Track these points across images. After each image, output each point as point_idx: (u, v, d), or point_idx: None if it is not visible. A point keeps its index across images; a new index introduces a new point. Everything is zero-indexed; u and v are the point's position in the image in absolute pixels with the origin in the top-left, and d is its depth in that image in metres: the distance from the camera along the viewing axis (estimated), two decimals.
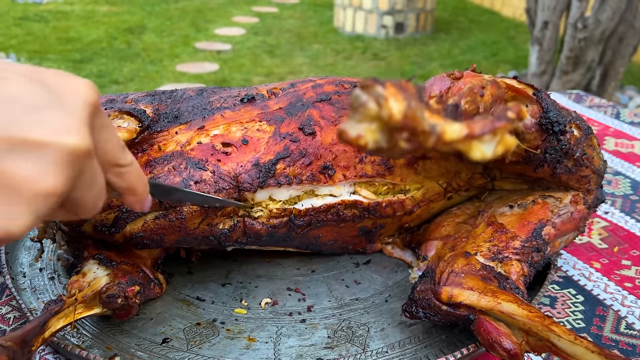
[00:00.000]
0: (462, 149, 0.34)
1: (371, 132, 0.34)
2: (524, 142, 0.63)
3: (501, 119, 0.34)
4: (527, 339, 0.56)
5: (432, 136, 0.32)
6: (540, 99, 0.62)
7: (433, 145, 0.33)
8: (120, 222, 0.67)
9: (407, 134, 0.33)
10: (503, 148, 0.35)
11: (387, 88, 0.32)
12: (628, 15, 2.87)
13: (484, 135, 0.33)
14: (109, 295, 0.62)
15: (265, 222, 0.71)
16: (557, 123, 0.62)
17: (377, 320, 0.71)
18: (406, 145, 0.33)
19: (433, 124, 0.32)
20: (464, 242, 0.71)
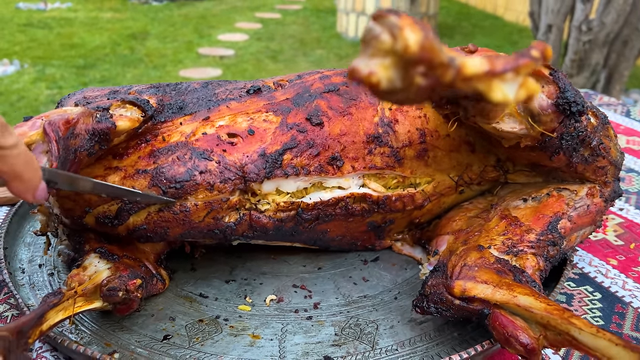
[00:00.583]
0: (482, 89, 0.31)
1: (384, 68, 0.31)
2: (540, 125, 0.61)
3: (525, 57, 0.31)
4: (545, 333, 0.53)
5: (450, 69, 0.30)
6: (557, 79, 0.59)
7: (452, 80, 0.30)
8: (123, 213, 0.64)
9: (423, 68, 0.30)
10: (526, 92, 0.32)
11: (403, 18, 0.30)
12: (632, 18, 2.85)
13: (506, 72, 0.31)
14: (110, 288, 0.59)
15: (272, 216, 0.69)
16: (575, 103, 0.59)
17: (386, 317, 0.68)
18: (423, 81, 0.30)
19: (452, 57, 0.30)
20: (476, 236, 0.68)
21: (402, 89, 0.31)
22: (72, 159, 0.55)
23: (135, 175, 0.63)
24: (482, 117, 0.61)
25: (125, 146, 0.66)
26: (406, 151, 0.71)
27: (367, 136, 0.71)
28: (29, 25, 5.35)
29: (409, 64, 0.30)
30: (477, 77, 0.31)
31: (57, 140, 0.52)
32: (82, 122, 0.57)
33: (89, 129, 0.58)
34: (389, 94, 0.32)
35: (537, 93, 0.33)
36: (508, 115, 0.62)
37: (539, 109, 0.60)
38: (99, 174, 0.64)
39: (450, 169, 0.75)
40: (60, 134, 0.52)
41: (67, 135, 0.54)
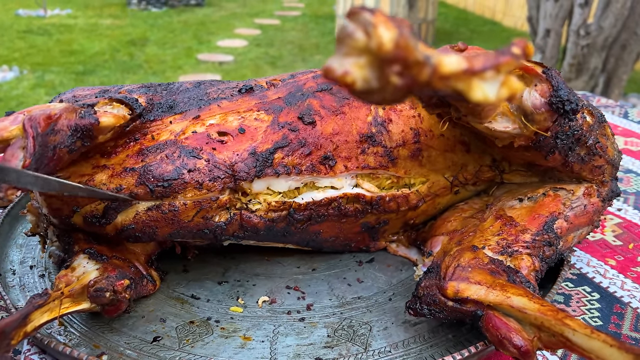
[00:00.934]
0: (462, 89, 0.30)
1: (359, 67, 0.30)
2: (534, 124, 0.60)
3: (505, 54, 0.30)
4: (540, 335, 0.52)
5: (427, 68, 0.29)
6: (550, 77, 0.58)
7: (428, 79, 0.29)
8: (111, 212, 0.63)
9: (399, 67, 0.29)
10: (508, 91, 0.31)
11: (377, 15, 0.29)
12: (631, 23, 2.85)
13: (486, 71, 0.30)
14: (97, 289, 0.58)
15: (263, 216, 0.68)
16: (569, 102, 0.58)
17: (380, 319, 0.67)
18: (399, 81, 0.29)
19: (428, 55, 0.29)
20: (471, 237, 0.67)
21: (378, 89, 0.30)
22: (51, 155, 0.54)
23: (122, 174, 0.63)
24: (474, 116, 0.60)
25: (113, 145, 0.65)
26: (400, 151, 0.71)
27: (360, 136, 0.70)
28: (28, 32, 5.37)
29: (384, 63, 0.29)
30: (455, 76, 0.30)
31: (35, 137, 0.51)
32: (65, 117, 0.56)
33: (72, 124, 0.57)
34: (365, 94, 0.31)
35: (519, 92, 0.32)
36: (501, 114, 0.61)
37: (532, 107, 0.59)
38: (87, 173, 0.63)
39: (444, 169, 0.74)
40: (39, 130, 0.51)
41: (47, 132, 0.53)
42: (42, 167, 0.54)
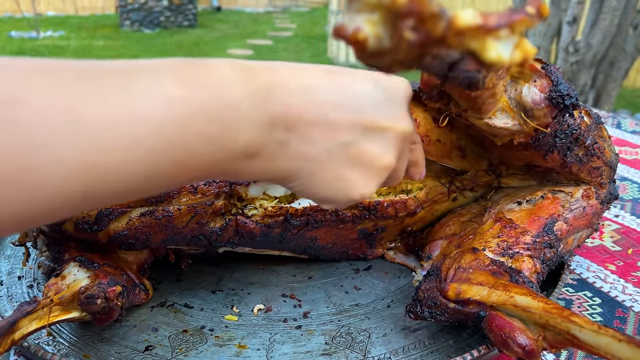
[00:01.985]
0: (476, 47, 0.29)
1: (372, 23, 0.29)
2: (534, 120, 0.59)
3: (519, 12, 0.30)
4: (544, 334, 0.51)
5: (442, 21, 0.28)
6: (549, 72, 0.58)
7: (443, 33, 0.28)
8: (103, 219, 0.62)
9: (413, 21, 0.28)
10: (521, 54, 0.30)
11: None
12: (618, 40, 2.89)
13: (500, 28, 0.29)
14: (88, 295, 0.56)
15: (259, 221, 0.67)
16: (568, 96, 0.58)
17: (378, 325, 0.66)
18: (412, 36, 0.28)
19: (443, 8, 0.28)
20: (470, 239, 0.66)
21: (390, 48, 0.29)
22: None
23: None
24: (474, 111, 0.59)
25: None
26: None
27: None
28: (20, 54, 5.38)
29: (398, 18, 0.29)
30: (470, 31, 0.29)
31: None
32: None
33: None
34: (376, 56, 0.30)
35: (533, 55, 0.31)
36: (500, 110, 0.61)
37: (531, 103, 0.59)
38: None
39: (441, 173, 0.73)
40: None
41: None
42: None
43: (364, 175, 0.40)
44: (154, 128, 0.31)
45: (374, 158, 0.40)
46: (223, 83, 0.34)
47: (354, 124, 0.38)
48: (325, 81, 0.39)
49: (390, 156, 0.41)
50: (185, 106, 0.32)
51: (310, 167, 0.38)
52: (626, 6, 2.79)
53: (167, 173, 0.33)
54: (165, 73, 0.33)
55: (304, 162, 0.38)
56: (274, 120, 0.36)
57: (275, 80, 0.37)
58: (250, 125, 0.35)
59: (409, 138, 0.43)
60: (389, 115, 0.40)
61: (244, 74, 0.36)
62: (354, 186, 0.40)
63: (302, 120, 0.37)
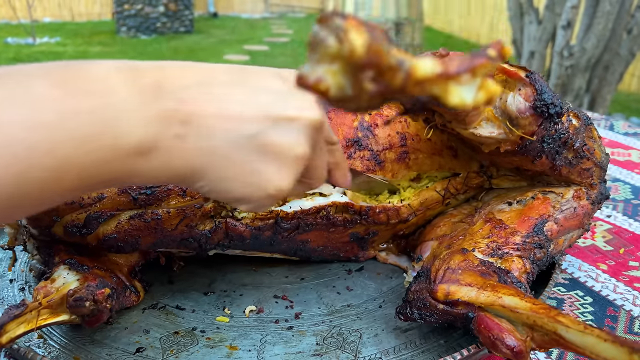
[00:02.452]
0: (438, 93, 0.29)
1: (333, 74, 0.29)
2: (519, 129, 0.59)
3: (480, 56, 0.30)
4: (532, 334, 0.51)
5: (400, 72, 0.28)
6: (533, 81, 0.58)
7: (402, 84, 0.28)
8: (92, 222, 0.62)
9: (372, 72, 0.28)
10: (485, 95, 0.30)
11: (348, 20, 0.28)
12: (613, 44, 2.91)
13: (461, 74, 0.29)
14: (77, 298, 0.56)
15: (249, 224, 0.67)
16: (553, 105, 0.58)
17: (370, 326, 0.66)
18: (372, 87, 0.28)
19: (401, 59, 0.28)
20: (460, 240, 0.66)
21: (353, 96, 0.29)
22: None
23: None
24: (458, 122, 0.59)
25: None
26: (387, 154, 0.70)
27: (347, 140, 0.69)
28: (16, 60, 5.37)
29: (357, 69, 0.29)
30: (430, 81, 0.29)
31: None
32: None
33: None
34: (340, 102, 0.30)
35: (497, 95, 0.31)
36: (485, 120, 0.61)
37: (516, 112, 0.59)
38: None
39: (433, 171, 0.73)
40: None
41: None
42: None
43: (277, 166, 0.38)
44: (17, 133, 0.30)
45: (284, 148, 0.38)
46: (104, 83, 0.34)
47: (258, 115, 0.37)
48: (224, 76, 0.39)
49: (303, 145, 0.39)
50: (56, 108, 0.31)
51: (216, 163, 0.37)
52: (620, 10, 2.80)
53: (41, 180, 0.31)
54: (37, 76, 0.32)
55: (208, 157, 0.37)
56: (166, 114, 0.35)
57: (164, 77, 0.36)
58: (138, 122, 0.34)
59: (320, 128, 0.41)
60: (297, 105, 0.39)
61: (130, 73, 0.35)
62: (268, 180, 0.38)
63: (198, 114, 0.36)
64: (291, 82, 0.40)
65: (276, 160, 0.38)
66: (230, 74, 0.40)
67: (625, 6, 2.80)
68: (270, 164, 0.38)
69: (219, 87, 0.38)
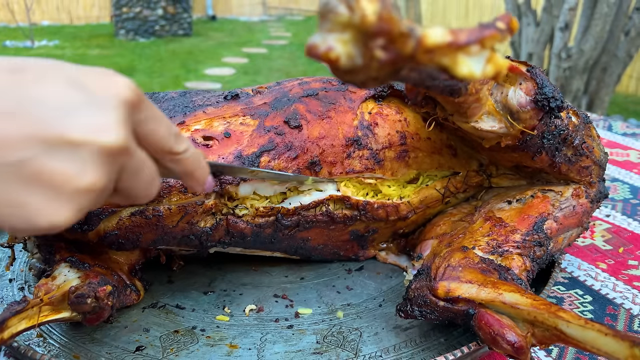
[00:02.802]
0: (447, 64, 0.30)
1: (343, 43, 0.29)
2: (520, 123, 0.60)
3: (489, 28, 0.30)
4: (533, 330, 0.51)
5: (411, 40, 0.28)
6: (534, 75, 0.59)
7: (413, 52, 0.28)
8: (94, 218, 0.62)
9: (382, 40, 0.29)
10: (493, 68, 0.31)
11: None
12: (610, 45, 2.92)
13: (471, 44, 0.29)
14: (78, 295, 0.56)
15: (250, 221, 0.67)
16: (554, 99, 0.58)
17: (370, 324, 0.66)
18: (383, 55, 0.29)
19: (412, 27, 0.29)
20: (460, 238, 0.66)
21: (363, 66, 0.30)
22: None
23: None
24: (460, 115, 0.60)
25: None
26: (386, 153, 0.70)
27: (347, 139, 0.69)
28: None
29: (368, 37, 0.29)
30: (440, 49, 0.29)
31: None
32: None
33: None
34: (350, 73, 0.30)
35: (505, 68, 0.31)
36: (487, 113, 0.61)
37: (517, 106, 0.59)
38: None
39: (432, 169, 0.73)
40: None
41: None
42: None
43: (50, 199, 0.32)
44: None
45: (62, 179, 0.32)
46: None
47: (30, 137, 0.31)
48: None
49: (91, 176, 0.33)
50: None
51: None
52: (617, 12, 2.81)
53: None
54: None
55: None
56: None
57: None
58: None
59: (122, 152, 0.34)
60: (88, 125, 0.32)
61: None
62: (36, 213, 0.32)
63: None
64: (95, 89, 0.34)
65: (49, 192, 0.32)
66: (11, 77, 0.32)
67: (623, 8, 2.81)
68: (41, 196, 0.32)
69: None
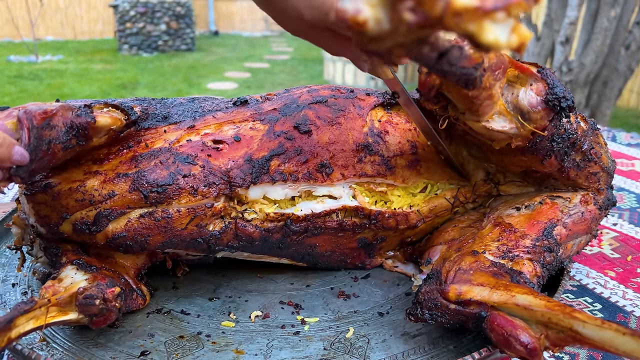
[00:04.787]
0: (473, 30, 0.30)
1: (372, 5, 0.30)
2: (531, 123, 0.60)
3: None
4: (547, 332, 0.50)
5: (440, 2, 0.29)
6: (545, 76, 0.59)
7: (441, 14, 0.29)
8: (102, 219, 0.62)
9: (411, 2, 0.29)
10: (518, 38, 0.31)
11: None
12: (611, 60, 2.94)
13: (497, 10, 0.29)
14: (87, 296, 0.56)
15: (259, 225, 0.67)
16: (564, 99, 0.59)
17: (378, 331, 0.65)
18: (411, 18, 0.29)
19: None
20: (470, 243, 0.66)
21: (390, 31, 0.30)
22: (45, 149, 0.53)
23: (115, 179, 0.61)
24: (472, 113, 0.60)
25: (106, 152, 0.64)
26: (397, 160, 0.70)
27: (357, 145, 0.69)
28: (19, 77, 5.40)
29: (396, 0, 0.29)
30: (467, 13, 0.30)
31: (30, 129, 0.50)
32: (61, 114, 0.55)
33: (67, 122, 0.56)
34: (377, 40, 0.30)
35: (528, 39, 0.31)
36: (498, 113, 0.61)
37: (528, 106, 0.59)
38: (79, 179, 0.62)
39: (442, 180, 0.73)
40: (35, 123, 0.51)
41: (42, 125, 0.52)
42: (37, 160, 0.53)
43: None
44: None
45: None
46: None
47: None
48: None
49: None
50: None
51: None
52: (618, 26, 2.84)
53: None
54: None
55: None
56: None
57: None
58: None
59: None
60: None
61: None
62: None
63: None
64: None
65: None
66: None
67: (623, 22, 2.83)
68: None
69: None
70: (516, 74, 0.60)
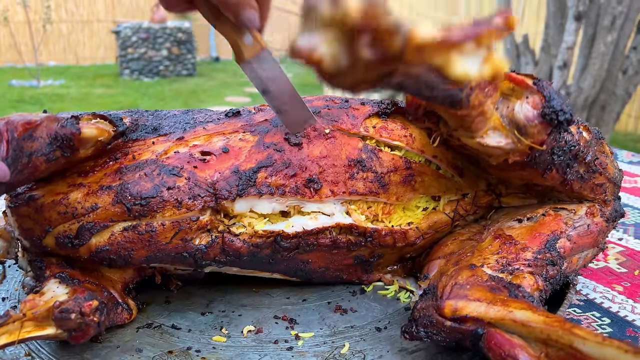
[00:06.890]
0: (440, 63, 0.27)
1: (327, 43, 0.27)
2: (528, 138, 0.57)
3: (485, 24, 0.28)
4: (547, 350, 0.47)
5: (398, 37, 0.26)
6: (541, 88, 0.56)
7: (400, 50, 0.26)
8: (85, 232, 0.59)
9: (368, 37, 0.26)
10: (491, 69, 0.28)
11: None
12: (609, 84, 2.94)
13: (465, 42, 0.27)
14: (63, 310, 0.53)
15: (247, 240, 0.64)
16: (562, 112, 0.56)
17: (374, 347, 0.62)
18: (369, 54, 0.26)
19: (399, 23, 0.26)
20: (469, 257, 0.63)
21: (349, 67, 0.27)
22: (25, 162, 0.52)
23: (98, 192, 0.59)
24: (464, 130, 0.57)
25: (92, 164, 0.62)
26: (391, 177, 0.68)
27: (350, 160, 0.67)
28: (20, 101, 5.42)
29: (352, 35, 0.27)
30: (431, 47, 0.27)
31: (9, 140, 0.48)
32: (45, 125, 0.54)
33: (52, 132, 0.54)
34: (337, 76, 0.28)
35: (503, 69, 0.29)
36: (492, 128, 0.58)
37: (524, 120, 0.56)
38: (62, 191, 0.60)
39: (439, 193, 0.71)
40: (16, 134, 0.49)
41: (24, 137, 0.50)
42: (16, 173, 0.51)
43: None
44: None
45: None
46: None
47: None
48: None
49: None
50: None
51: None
52: (615, 51, 2.85)
53: None
54: None
55: None
56: None
57: None
58: None
59: None
60: None
61: None
62: None
63: None
64: None
65: None
66: None
67: (620, 47, 2.84)
68: None
69: None
70: (511, 87, 0.57)
